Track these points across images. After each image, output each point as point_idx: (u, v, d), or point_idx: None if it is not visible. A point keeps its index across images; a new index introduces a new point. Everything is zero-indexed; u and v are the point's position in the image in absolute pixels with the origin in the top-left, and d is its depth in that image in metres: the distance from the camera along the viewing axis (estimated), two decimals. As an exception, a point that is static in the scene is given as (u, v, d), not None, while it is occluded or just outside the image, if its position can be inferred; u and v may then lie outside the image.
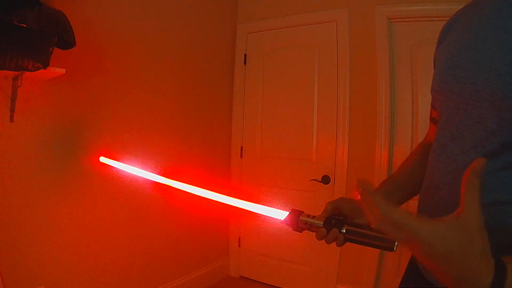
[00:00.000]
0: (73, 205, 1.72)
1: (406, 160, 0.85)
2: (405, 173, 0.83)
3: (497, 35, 0.53)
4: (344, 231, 0.63)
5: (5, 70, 1.22)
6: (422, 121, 2.17)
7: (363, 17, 2.31)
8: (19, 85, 1.42)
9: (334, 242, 0.64)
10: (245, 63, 2.76)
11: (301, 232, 0.68)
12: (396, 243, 0.57)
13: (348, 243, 0.64)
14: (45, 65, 1.30)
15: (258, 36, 2.72)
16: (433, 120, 0.82)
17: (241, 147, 2.76)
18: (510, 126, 0.50)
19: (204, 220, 2.47)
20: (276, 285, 2.60)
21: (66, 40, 1.43)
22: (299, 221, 0.66)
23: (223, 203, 0.75)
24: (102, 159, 1.45)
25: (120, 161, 1.32)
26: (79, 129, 1.74)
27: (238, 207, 0.73)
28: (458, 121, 0.58)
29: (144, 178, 1.06)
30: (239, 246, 2.78)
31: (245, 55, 2.76)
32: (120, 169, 1.30)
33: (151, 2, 2.07)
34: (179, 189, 0.85)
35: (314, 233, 0.66)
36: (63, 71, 1.41)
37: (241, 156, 2.76)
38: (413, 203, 0.73)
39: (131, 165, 1.19)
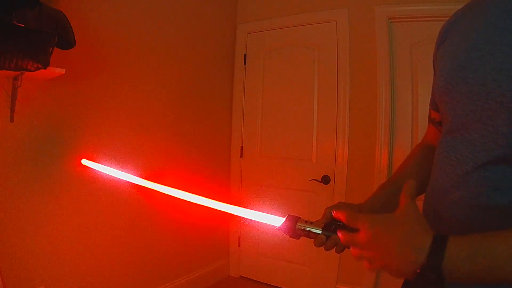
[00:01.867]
0: (74, 205, 1.72)
1: (404, 162, 0.84)
2: (404, 175, 0.81)
3: (505, 36, 0.52)
4: None
5: (5, 70, 1.22)
6: (422, 121, 2.16)
7: (363, 17, 2.31)
8: (19, 85, 1.42)
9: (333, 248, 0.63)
10: (245, 63, 2.76)
11: (298, 239, 0.65)
12: None
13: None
14: (45, 65, 1.30)
15: (258, 36, 2.71)
16: (432, 121, 0.81)
17: (241, 147, 2.76)
18: None
19: (204, 220, 2.47)
20: (276, 285, 2.60)
21: (66, 40, 1.43)
22: (296, 228, 0.64)
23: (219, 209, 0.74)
24: (84, 161, 1.43)
25: (119, 162, 1.31)
26: (79, 129, 1.74)
27: (233, 214, 0.72)
28: (467, 122, 0.57)
29: (138, 184, 1.03)
30: (239, 246, 2.78)
31: (245, 55, 2.76)
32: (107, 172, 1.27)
33: (151, 2, 2.07)
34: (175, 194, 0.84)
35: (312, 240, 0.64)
36: (63, 71, 1.41)
37: (241, 156, 2.76)
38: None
39: (128, 170, 1.16)
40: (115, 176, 1.18)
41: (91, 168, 1.43)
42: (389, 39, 2.23)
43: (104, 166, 1.29)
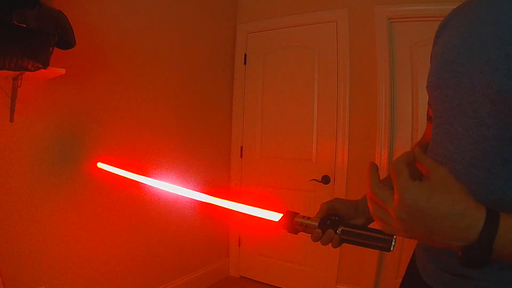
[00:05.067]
0: (73, 205, 1.72)
1: None
2: None
3: (493, 29, 0.52)
4: (340, 231, 0.62)
5: (5, 70, 1.22)
6: (422, 121, 2.16)
7: (363, 17, 2.31)
8: (19, 85, 1.42)
9: (330, 243, 0.63)
10: (245, 63, 2.76)
11: (296, 233, 0.67)
12: (393, 243, 0.57)
13: (345, 243, 0.63)
14: (45, 65, 1.30)
15: (258, 36, 2.72)
16: (430, 118, 0.81)
17: (241, 147, 2.76)
18: (506, 120, 0.50)
19: (204, 220, 2.47)
20: (276, 285, 2.60)
21: (66, 40, 1.43)
22: (294, 223, 0.65)
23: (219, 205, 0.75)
24: (100, 164, 1.44)
25: (119, 162, 1.31)
26: (79, 129, 1.74)
27: (234, 210, 0.72)
28: (452, 116, 0.57)
29: (142, 181, 1.05)
30: (239, 246, 2.78)
31: (245, 55, 2.76)
32: (118, 173, 1.29)
33: (151, 2, 2.07)
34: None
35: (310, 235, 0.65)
36: (63, 71, 1.41)
37: (241, 156, 2.76)
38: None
39: (129, 170, 1.17)
40: (121, 175, 1.18)
41: (92, 169, 1.44)
42: (389, 39, 2.23)
43: (114, 168, 1.30)
